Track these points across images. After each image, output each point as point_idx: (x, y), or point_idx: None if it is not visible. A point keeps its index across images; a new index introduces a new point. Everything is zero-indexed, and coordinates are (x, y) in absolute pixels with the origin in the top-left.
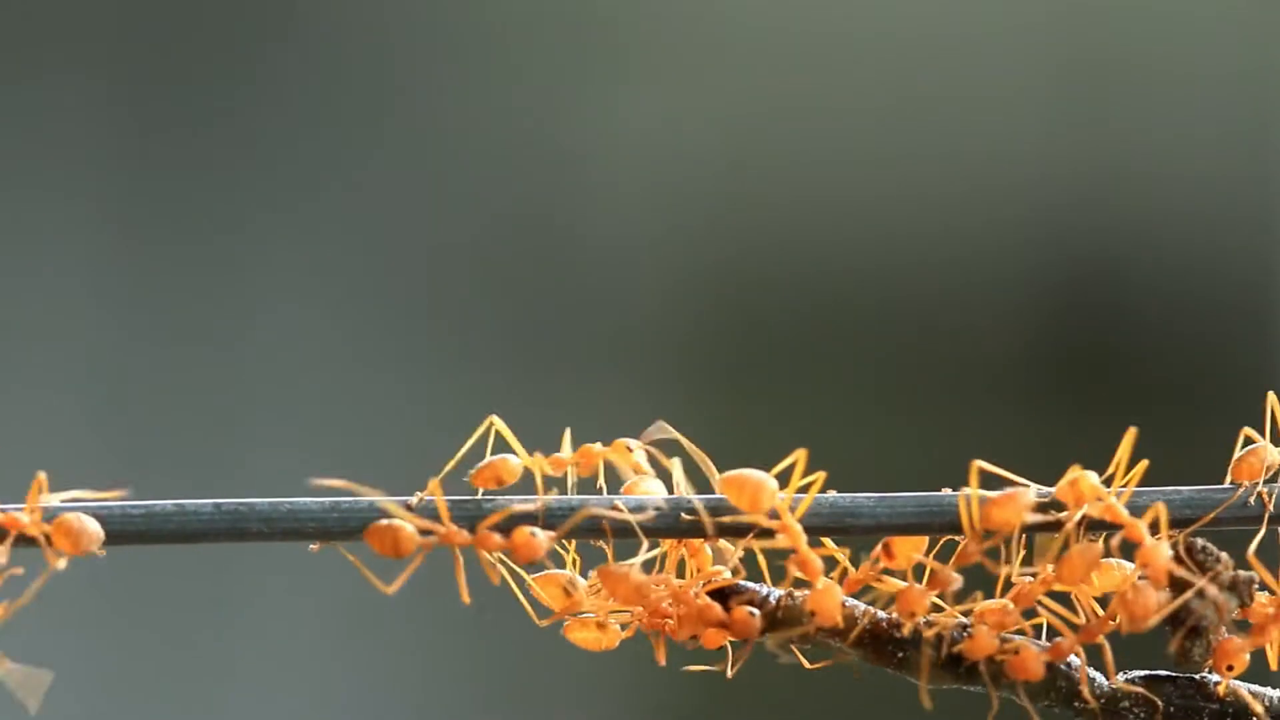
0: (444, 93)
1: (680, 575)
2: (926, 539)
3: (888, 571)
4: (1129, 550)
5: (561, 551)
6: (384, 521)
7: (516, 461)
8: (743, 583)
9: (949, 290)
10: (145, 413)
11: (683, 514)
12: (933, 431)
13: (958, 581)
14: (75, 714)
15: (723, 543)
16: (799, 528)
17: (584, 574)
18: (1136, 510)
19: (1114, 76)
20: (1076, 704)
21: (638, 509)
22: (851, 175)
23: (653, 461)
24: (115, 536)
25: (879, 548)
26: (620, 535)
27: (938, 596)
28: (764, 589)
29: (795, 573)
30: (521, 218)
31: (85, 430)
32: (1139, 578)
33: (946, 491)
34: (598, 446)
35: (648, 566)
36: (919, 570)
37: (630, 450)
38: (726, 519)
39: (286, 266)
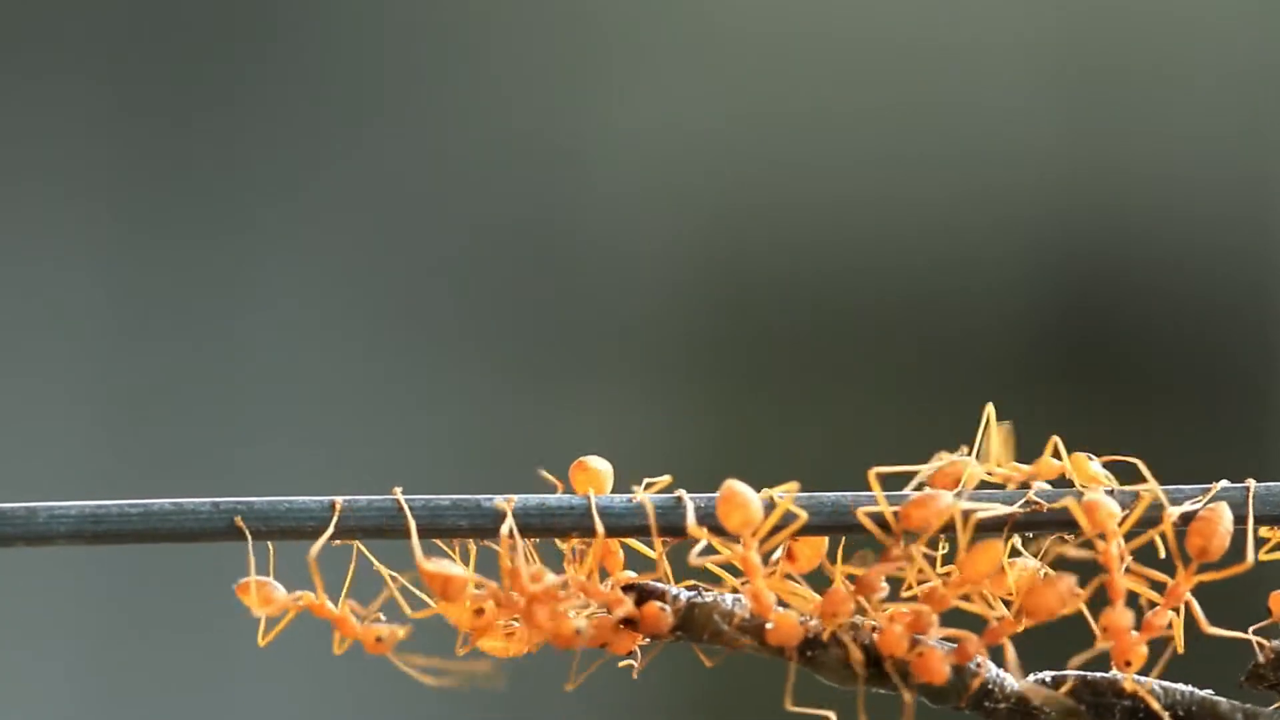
0: (445, 93)
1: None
2: (826, 540)
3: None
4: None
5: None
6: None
7: (977, 466)
8: (651, 583)
9: (951, 291)
10: (143, 411)
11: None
12: (936, 431)
13: (884, 590)
14: (74, 712)
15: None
16: (758, 563)
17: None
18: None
19: (1116, 78)
20: (987, 704)
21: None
22: (854, 176)
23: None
24: (113, 535)
25: (782, 550)
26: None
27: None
28: (673, 589)
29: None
30: (523, 217)
31: (83, 428)
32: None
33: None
34: (1050, 459)
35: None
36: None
37: (1089, 461)
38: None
39: (285, 266)
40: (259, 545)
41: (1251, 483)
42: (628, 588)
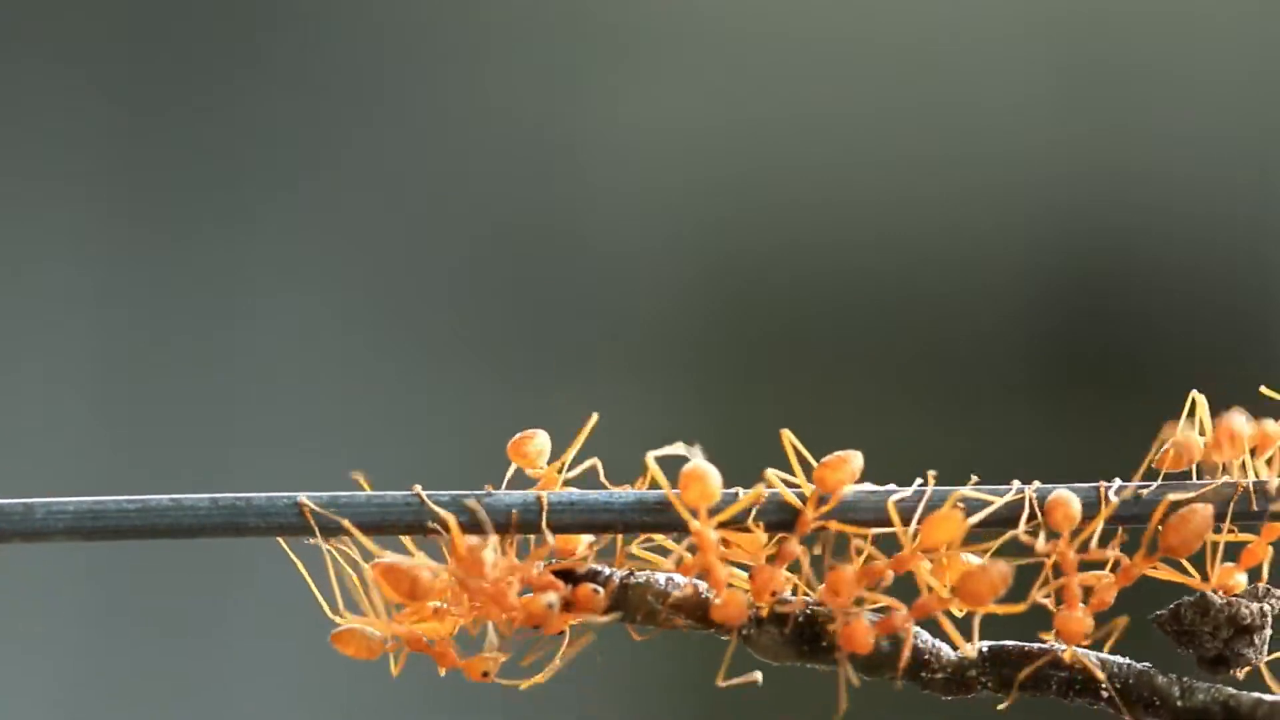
0: (445, 92)
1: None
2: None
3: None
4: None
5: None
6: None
7: (1200, 441)
8: (584, 565)
9: (952, 290)
10: (141, 407)
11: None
12: (939, 430)
13: (801, 557)
14: (73, 710)
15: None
16: (712, 538)
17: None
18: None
19: (1116, 77)
20: (924, 675)
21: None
22: (854, 176)
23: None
24: (111, 531)
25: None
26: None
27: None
28: (607, 569)
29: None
30: (523, 216)
31: (81, 424)
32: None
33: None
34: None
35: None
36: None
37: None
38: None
39: (284, 264)
40: (315, 552)
41: (1116, 483)
42: (560, 572)
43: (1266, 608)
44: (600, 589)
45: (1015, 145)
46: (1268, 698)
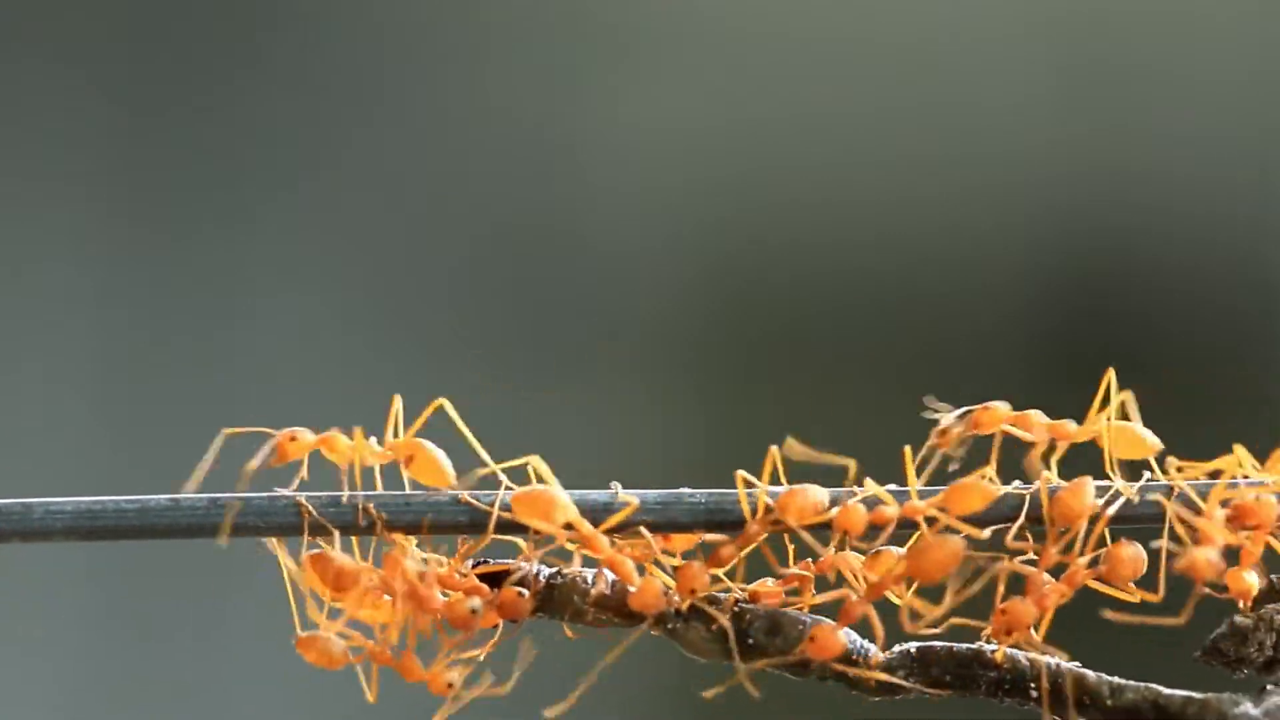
0: (445, 92)
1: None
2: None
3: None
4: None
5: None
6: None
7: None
8: (510, 565)
9: (954, 290)
10: (140, 407)
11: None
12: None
13: (733, 559)
14: (73, 712)
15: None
16: (601, 537)
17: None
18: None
19: (1116, 77)
20: (852, 675)
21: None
22: (854, 175)
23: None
24: (109, 531)
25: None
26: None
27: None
28: (535, 567)
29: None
30: (522, 216)
31: (80, 425)
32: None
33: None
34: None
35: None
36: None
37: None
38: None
39: (283, 264)
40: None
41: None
42: (484, 576)
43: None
44: (525, 591)
45: (1015, 145)
46: (1197, 695)
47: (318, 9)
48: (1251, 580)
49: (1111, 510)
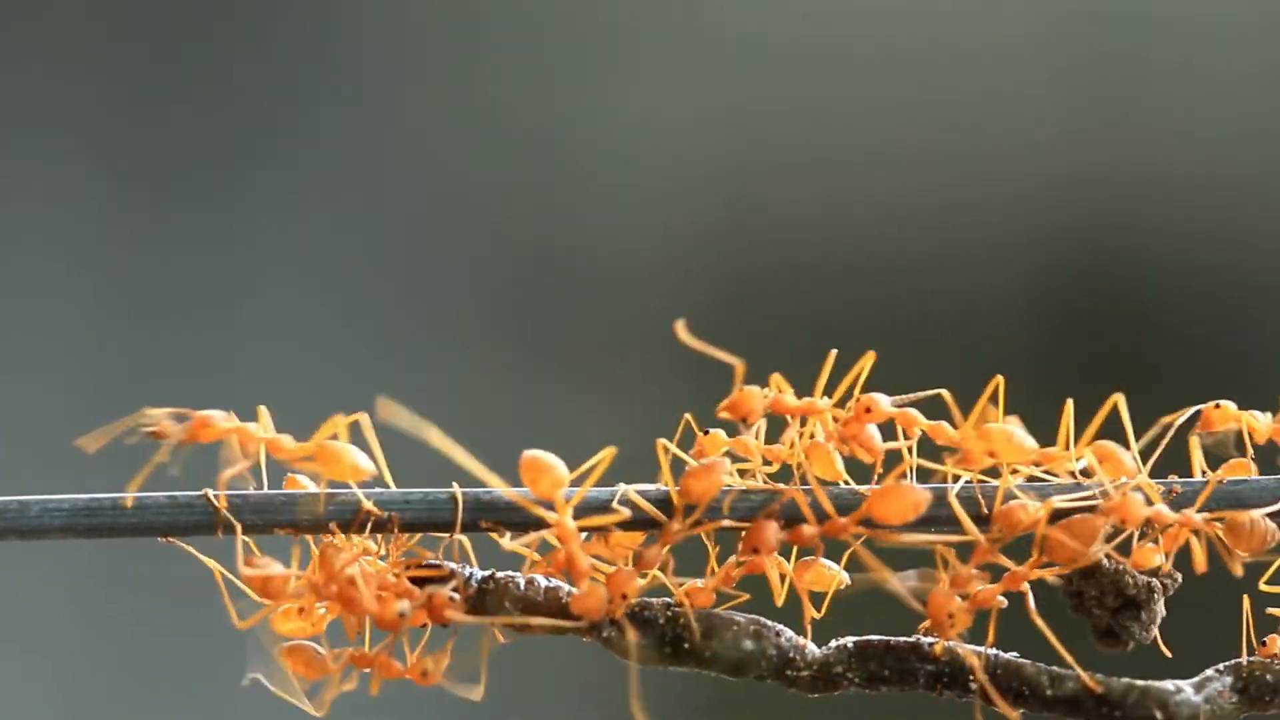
0: (445, 89)
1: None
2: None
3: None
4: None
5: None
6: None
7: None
8: (441, 569)
9: (958, 287)
10: (137, 404)
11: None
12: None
13: (662, 560)
14: (73, 711)
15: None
16: (572, 526)
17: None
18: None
19: (1122, 73)
20: (789, 673)
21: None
22: (859, 172)
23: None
24: (107, 529)
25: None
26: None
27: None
28: (469, 570)
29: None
30: (523, 213)
31: (77, 421)
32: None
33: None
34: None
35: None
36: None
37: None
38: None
39: (283, 262)
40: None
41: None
42: (417, 579)
43: (1155, 583)
44: (456, 594)
45: (1016, 142)
46: (1138, 683)
47: (318, 8)
48: (1160, 560)
49: (1040, 509)
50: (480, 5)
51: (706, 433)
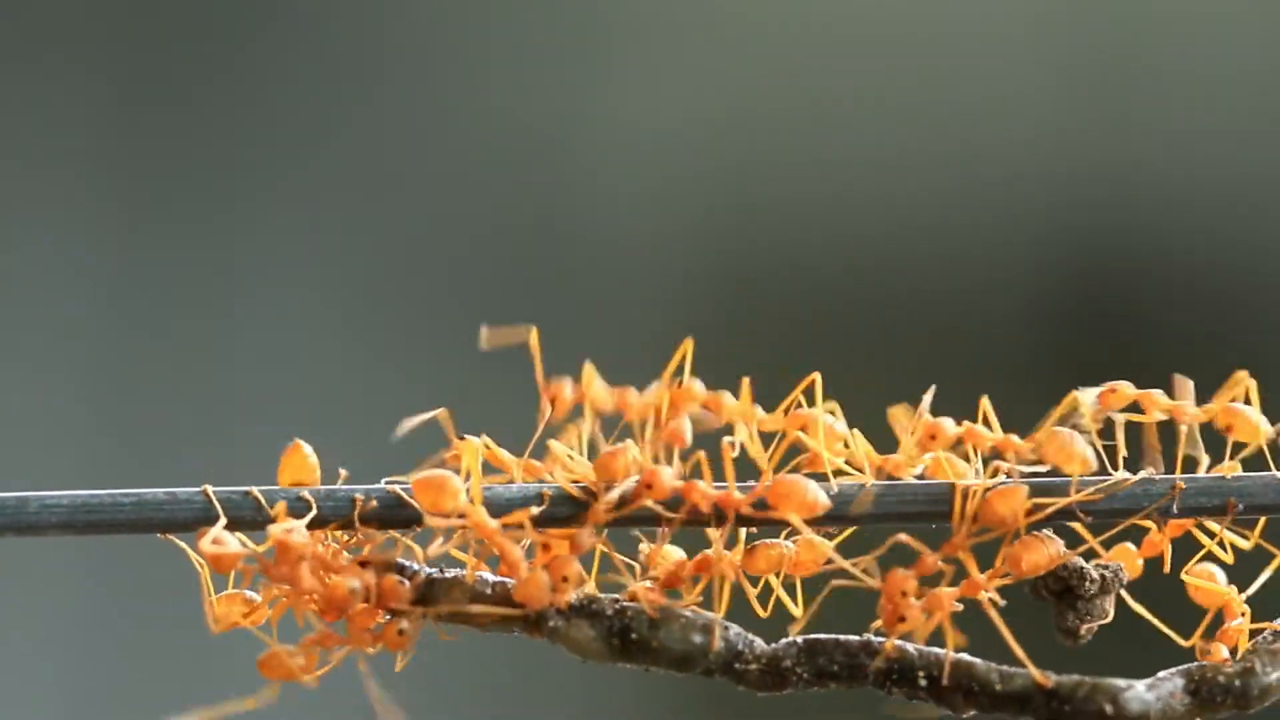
0: (445, 87)
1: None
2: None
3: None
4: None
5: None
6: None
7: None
8: (391, 558)
9: (958, 287)
10: (136, 401)
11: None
12: None
13: (590, 545)
14: (73, 710)
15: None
16: (492, 524)
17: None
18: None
19: (1123, 72)
20: (737, 666)
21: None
22: (859, 171)
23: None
24: (105, 525)
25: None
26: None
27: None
28: (415, 565)
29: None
30: (523, 211)
31: (76, 418)
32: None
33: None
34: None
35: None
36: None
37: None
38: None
39: (281, 258)
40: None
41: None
42: (365, 563)
43: (1094, 573)
44: (406, 581)
45: (1017, 141)
46: (1088, 679)
47: (318, 8)
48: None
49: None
50: (480, 5)
51: (463, 439)
